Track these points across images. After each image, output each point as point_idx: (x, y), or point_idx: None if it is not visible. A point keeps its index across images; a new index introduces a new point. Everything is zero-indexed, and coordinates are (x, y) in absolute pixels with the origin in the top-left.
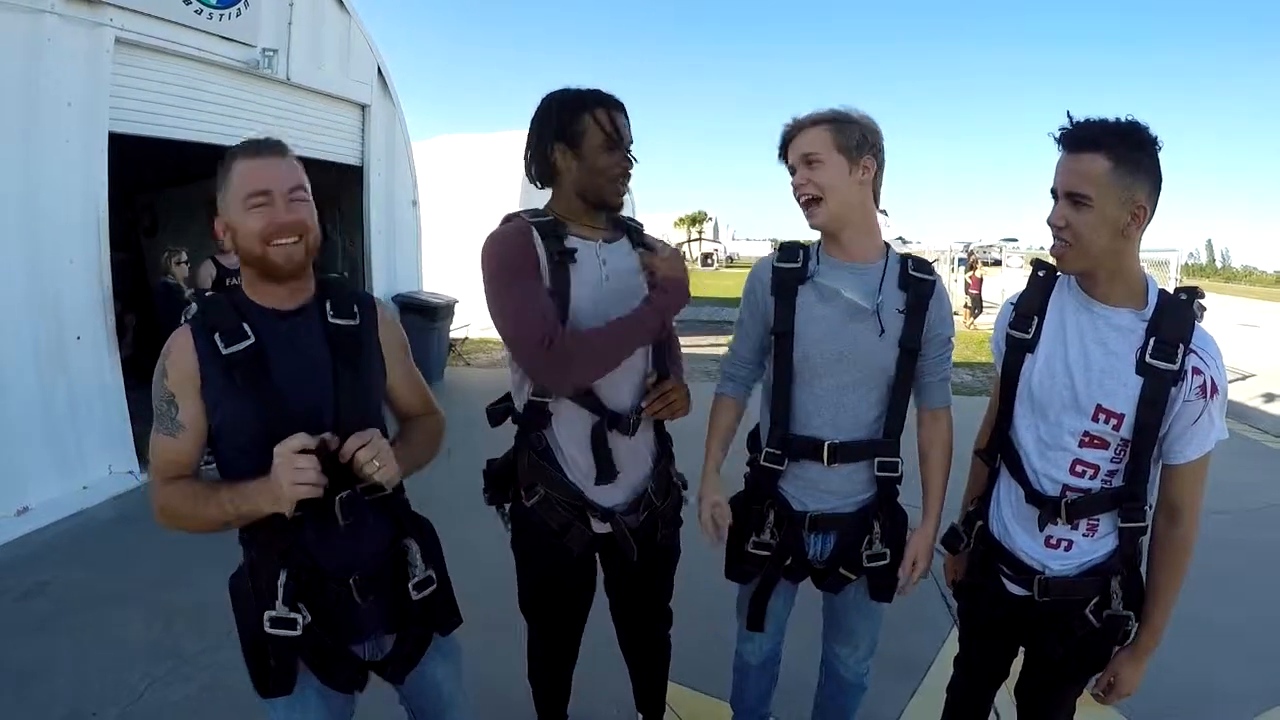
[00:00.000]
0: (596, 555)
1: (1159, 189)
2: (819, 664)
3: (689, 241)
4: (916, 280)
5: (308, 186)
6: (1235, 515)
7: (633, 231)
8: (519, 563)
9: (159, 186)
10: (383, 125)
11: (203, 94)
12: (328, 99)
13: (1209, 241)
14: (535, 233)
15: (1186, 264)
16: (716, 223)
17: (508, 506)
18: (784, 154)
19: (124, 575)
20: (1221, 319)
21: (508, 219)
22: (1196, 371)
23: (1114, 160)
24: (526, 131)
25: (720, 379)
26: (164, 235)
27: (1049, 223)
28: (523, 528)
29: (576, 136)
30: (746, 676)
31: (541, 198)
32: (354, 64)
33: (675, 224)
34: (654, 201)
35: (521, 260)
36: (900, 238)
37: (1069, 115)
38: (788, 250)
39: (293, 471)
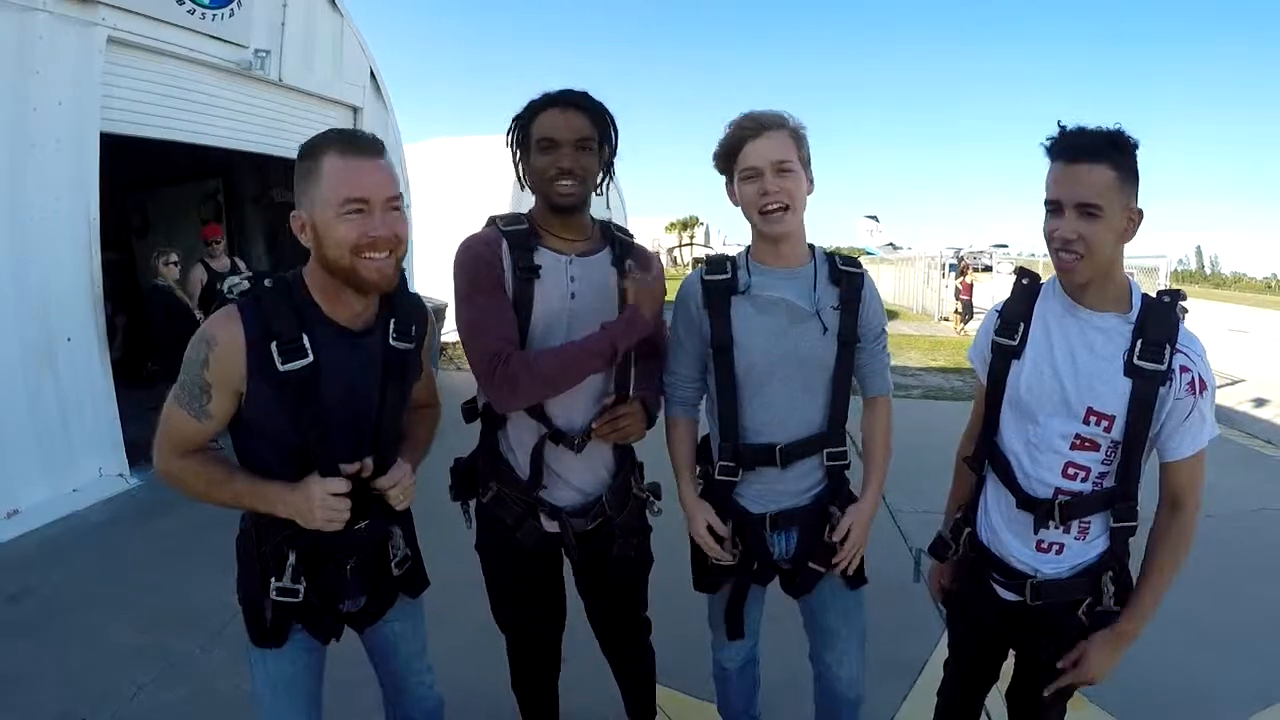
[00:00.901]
0: (563, 561)
1: (1138, 191)
2: (803, 664)
3: (680, 246)
4: (847, 274)
5: (403, 195)
6: (1225, 519)
7: (619, 244)
8: (483, 563)
9: (151, 186)
10: (375, 127)
11: (195, 94)
12: (320, 100)
13: (1198, 248)
14: (505, 243)
15: (1176, 270)
16: (708, 228)
17: (472, 504)
18: (734, 156)
19: (113, 579)
20: (1211, 325)
21: (490, 222)
22: (1184, 369)
23: (1116, 169)
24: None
25: (668, 403)
26: (155, 236)
27: (1058, 236)
28: (483, 524)
29: (527, 140)
30: (728, 682)
31: (529, 201)
32: (346, 66)
33: (667, 228)
34: (645, 206)
35: (483, 272)
36: (891, 244)
37: (1060, 125)
38: (714, 263)
39: (329, 511)
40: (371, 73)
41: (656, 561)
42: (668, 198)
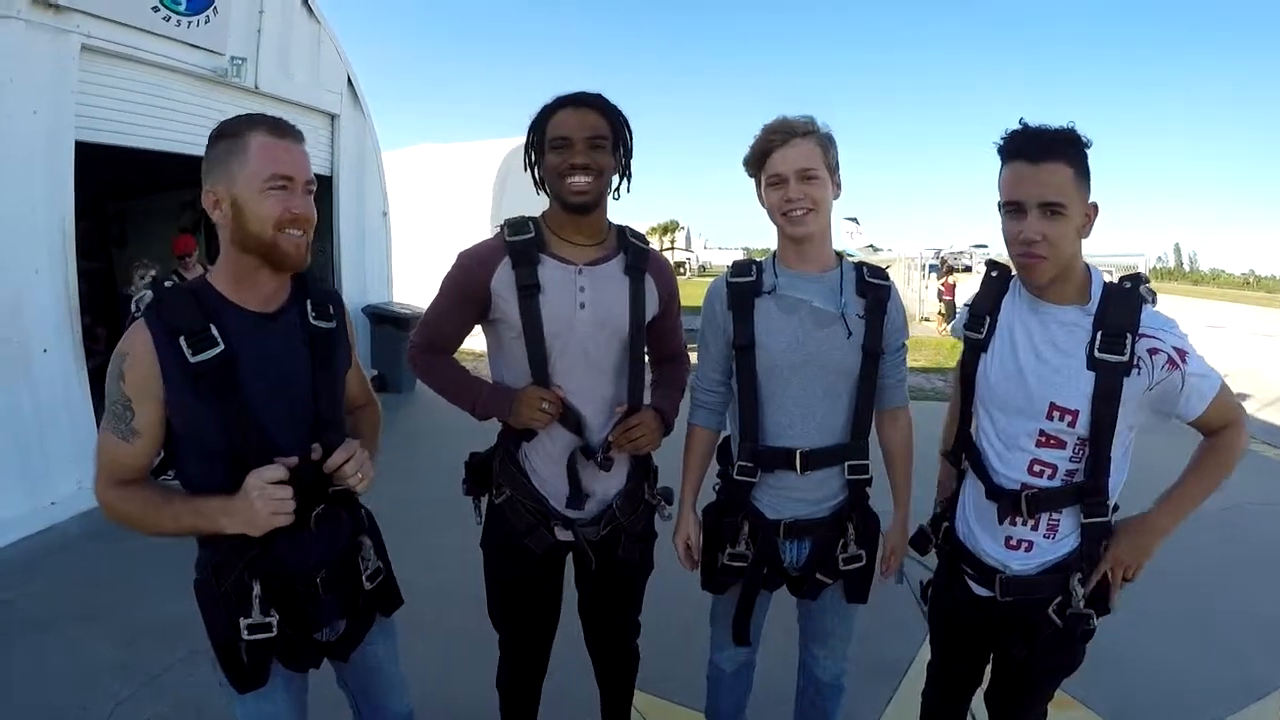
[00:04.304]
0: (567, 562)
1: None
2: (793, 671)
3: (661, 250)
4: (874, 286)
5: (315, 185)
6: (1210, 514)
7: (632, 250)
8: (486, 561)
9: (129, 196)
10: (352, 135)
11: (170, 102)
12: (296, 108)
13: (1176, 245)
14: (508, 258)
15: (1155, 267)
16: (689, 232)
17: (484, 499)
18: (762, 162)
19: (92, 592)
20: (1189, 321)
21: (504, 228)
22: (1154, 351)
23: (1074, 166)
24: (497, 141)
25: (692, 407)
26: (134, 245)
27: (1021, 238)
28: (491, 524)
29: (542, 139)
30: (721, 684)
31: (517, 204)
32: (323, 73)
33: (647, 233)
34: (626, 210)
35: (457, 281)
36: (871, 245)
37: (1023, 123)
38: (741, 266)
39: (271, 503)
40: (349, 80)
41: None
42: (648, 202)
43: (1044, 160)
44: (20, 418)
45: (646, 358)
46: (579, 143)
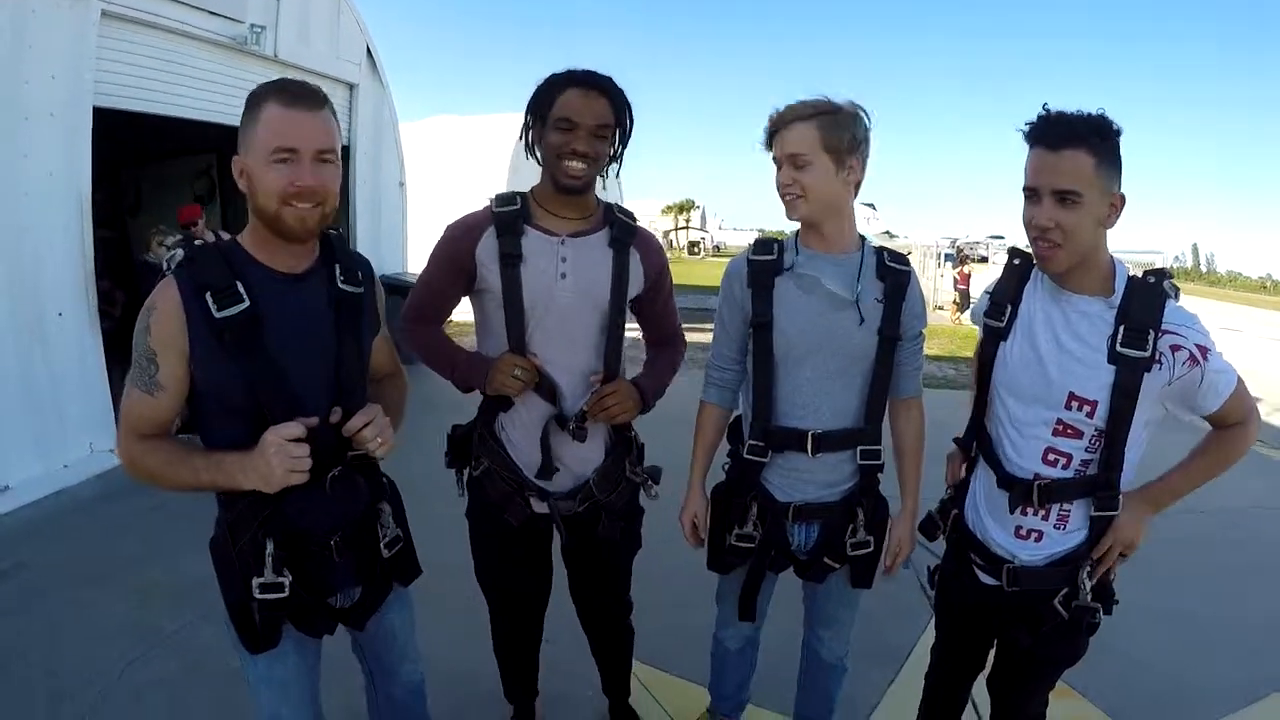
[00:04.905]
0: (554, 535)
1: (1121, 177)
2: (796, 649)
3: (676, 230)
4: (894, 271)
5: (338, 148)
6: (1214, 515)
7: (618, 225)
8: (471, 531)
9: (144, 163)
10: (370, 105)
11: (189, 69)
12: (315, 76)
13: (1194, 246)
14: (493, 228)
15: (1173, 267)
16: (704, 211)
17: (466, 471)
18: (769, 144)
19: (104, 555)
20: (1205, 324)
21: (491, 200)
22: (1176, 348)
23: (1096, 155)
24: (514, 115)
25: (705, 384)
26: (148, 212)
27: (1034, 224)
28: (474, 495)
29: (545, 114)
30: (725, 662)
31: (532, 178)
32: (342, 42)
33: (662, 212)
34: (641, 189)
35: (443, 252)
36: (887, 232)
37: (1045, 109)
38: (762, 244)
39: (289, 460)
40: (368, 50)
41: (654, 545)
42: (665, 181)
43: (1064, 147)
44: (35, 381)
45: (641, 336)
46: (584, 130)
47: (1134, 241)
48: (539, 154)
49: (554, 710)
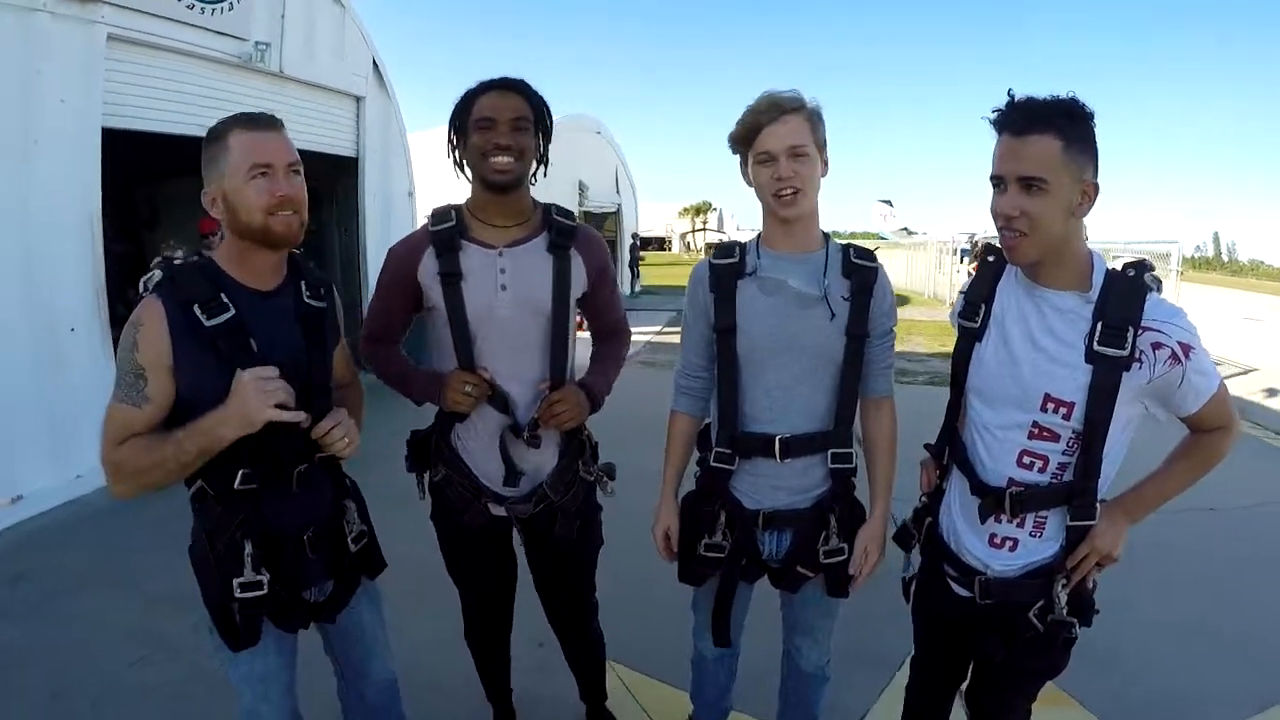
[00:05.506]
0: (515, 535)
1: (1098, 164)
2: (779, 656)
3: (693, 232)
4: (860, 268)
5: (301, 165)
6: (1227, 513)
7: (556, 228)
8: (437, 530)
9: (159, 179)
10: (378, 117)
11: (196, 88)
12: (322, 91)
13: (1215, 235)
14: (431, 248)
15: (1193, 257)
16: (721, 213)
17: (427, 476)
18: (751, 139)
19: (113, 562)
20: (1226, 313)
21: (428, 218)
22: (1158, 345)
23: (1064, 139)
24: None
25: (675, 393)
26: (165, 227)
27: (998, 213)
28: (435, 499)
29: (465, 123)
30: (704, 671)
31: (546, 183)
32: (348, 56)
33: (680, 214)
34: (659, 191)
35: (390, 278)
36: (905, 229)
37: (1010, 94)
38: (723, 248)
39: (264, 394)
40: (374, 62)
41: (639, 548)
42: (681, 183)
43: (1029, 133)
44: (48, 394)
45: (588, 334)
46: (503, 123)
47: (1150, 233)
48: (466, 165)
49: (539, 712)
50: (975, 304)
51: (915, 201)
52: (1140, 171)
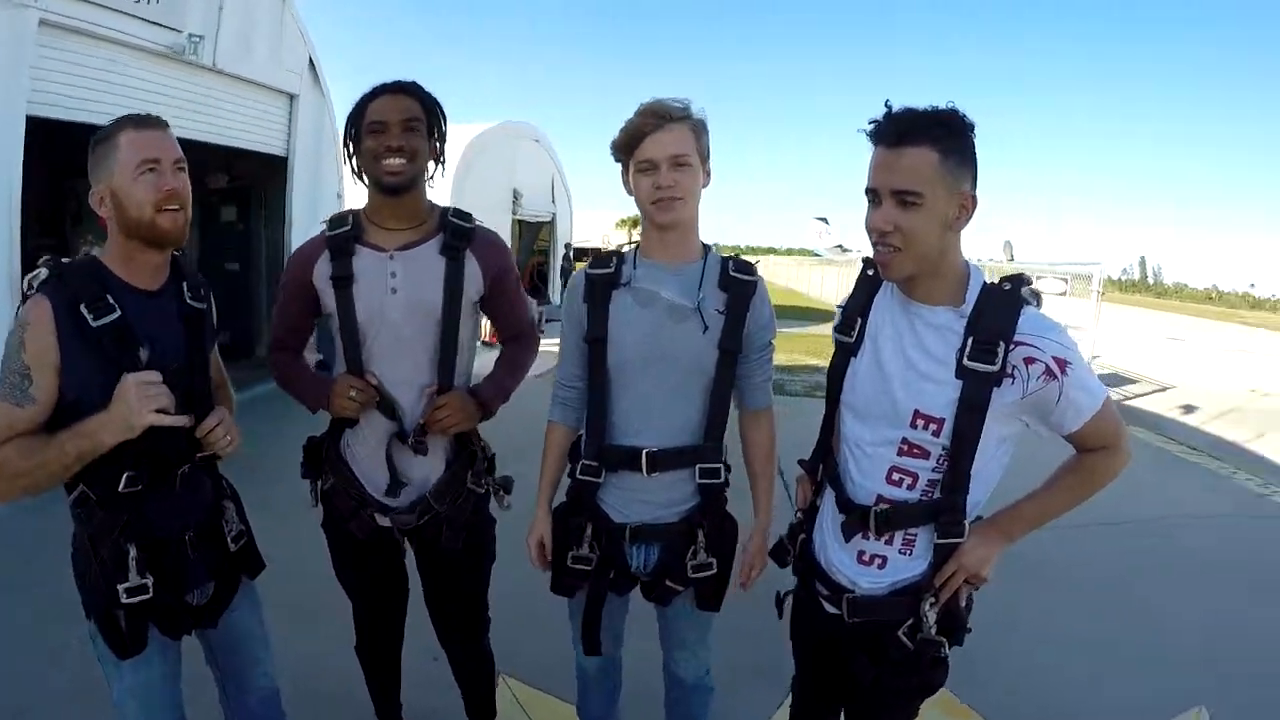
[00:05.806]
0: (405, 546)
1: (977, 176)
2: (656, 665)
3: (630, 244)
4: (737, 281)
5: (185, 163)
6: (1135, 525)
7: (452, 230)
8: (327, 539)
9: (85, 173)
10: (311, 116)
11: (126, 79)
12: (255, 87)
13: (1142, 258)
14: (327, 253)
15: (1119, 280)
16: None
17: (319, 483)
18: (633, 147)
19: (5, 569)
20: (1150, 333)
21: (325, 224)
22: (1030, 360)
23: (941, 151)
24: (465, 125)
25: (551, 403)
26: (87, 222)
27: (872, 228)
28: (325, 507)
29: (358, 129)
30: (587, 685)
31: (479, 190)
32: (285, 52)
33: (617, 225)
34: (595, 200)
35: (289, 283)
36: (840, 246)
37: (888, 105)
38: (600, 258)
39: (146, 399)
40: (310, 60)
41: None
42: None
43: (903, 145)
44: None
45: (493, 338)
46: (394, 125)
47: (1073, 254)
48: (363, 170)
49: None
50: (851, 318)
51: (855, 218)
52: (1071, 196)
